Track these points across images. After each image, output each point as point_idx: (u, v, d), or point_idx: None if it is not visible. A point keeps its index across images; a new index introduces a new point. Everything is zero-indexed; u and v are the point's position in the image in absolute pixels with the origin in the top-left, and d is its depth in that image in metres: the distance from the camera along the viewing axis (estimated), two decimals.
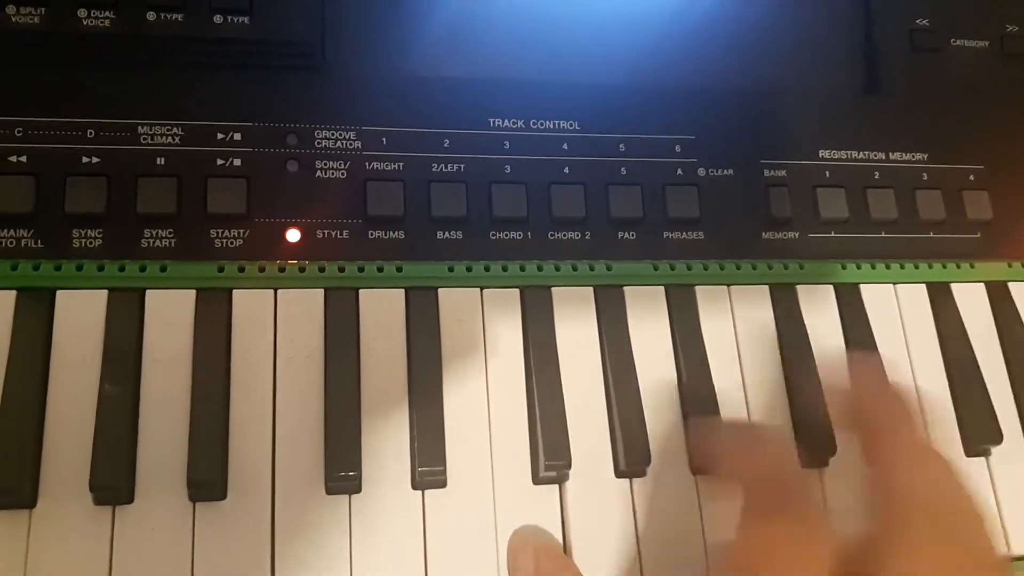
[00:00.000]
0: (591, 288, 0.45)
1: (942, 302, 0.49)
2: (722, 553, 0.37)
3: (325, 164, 0.45)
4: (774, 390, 0.45)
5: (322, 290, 0.42)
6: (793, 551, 0.33)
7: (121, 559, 0.37)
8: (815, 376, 0.45)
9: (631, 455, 0.42)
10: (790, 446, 0.42)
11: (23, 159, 0.42)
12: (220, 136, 0.44)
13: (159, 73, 0.44)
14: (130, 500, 0.37)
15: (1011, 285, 0.50)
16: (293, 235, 0.43)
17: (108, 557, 0.37)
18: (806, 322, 0.46)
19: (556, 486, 0.41)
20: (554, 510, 0.41)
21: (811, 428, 0.44)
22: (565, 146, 0.48)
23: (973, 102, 0.54)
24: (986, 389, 0.47)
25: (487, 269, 0.44)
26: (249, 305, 0.41)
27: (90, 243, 0.41)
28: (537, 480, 0.41)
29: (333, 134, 0.45)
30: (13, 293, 0.40)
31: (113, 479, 0.37)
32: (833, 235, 0.49)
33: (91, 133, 0.43)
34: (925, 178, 0.52)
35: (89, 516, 0.37)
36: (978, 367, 0.47)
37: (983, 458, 0.46)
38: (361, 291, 0.42)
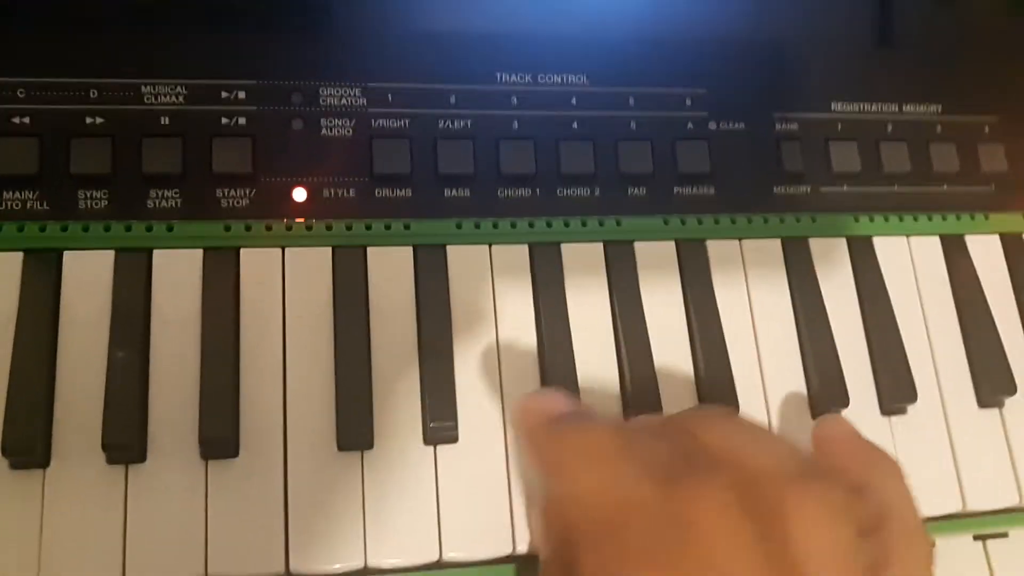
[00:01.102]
0: (600, 244, 0.45)
1: (956, 254, 0.48)
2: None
3: (331, 122, 0.44)
4: (787, 344, 0.45)
5: (330, 248, 0.42)
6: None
7: (135, 517, 0.37)
8: (828, 330, 0.45)
9: (642, 411, 0.42)
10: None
11: (26, 120, 0.41)
12: (225, 95, 0.43)
13: (162, 31, 0.43)
14: (142, 459, 0.38)
15: None
16: (299, 194, 0.43)
17: (122, 515, 0.37)
18: (818, 276, 0.46)
19: None
20: None
21: (824, 381, 0.43)
22: (573, 100, 0.47)
23: (988, 53, 0.53)
24: (1000, 341, 0.46)
25: (495, 226, 0.44)
26: (257, 264, 0.41)
27: (96, 204, 0.41)
28: None
29: (338, 91, 0.44)
30: (20, 255, 0.39)
31: (125, 438, 0.37)
32: (846, 189, 0.49)
33: (94, 93, 0.42)
34: (939, 130, 0.51)
35: (102, 475, 0.37)
36: (992, 319, 0.47)
37: (996, 409, 0.46)
38: (369, 249, 0.42)
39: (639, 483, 0.32)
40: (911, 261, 0.48)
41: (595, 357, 0.42)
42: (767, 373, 0.44)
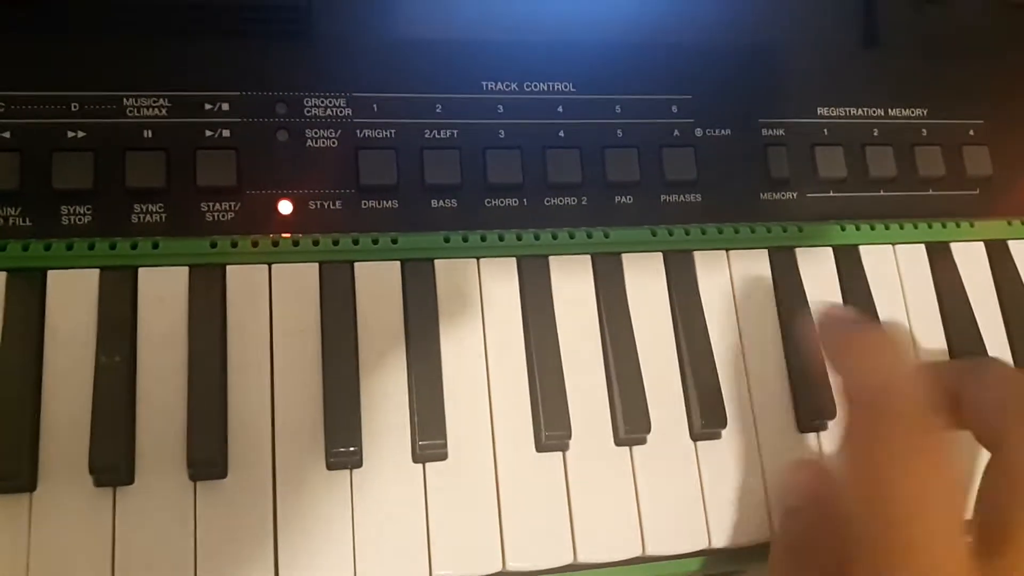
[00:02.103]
0: (588, 256, 0.45)
1: (941, 262, 0.48)
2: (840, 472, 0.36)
3: (316, 133, 0.44)
4: (773, 355, 0.45)
5: (317, 264, 0.42)
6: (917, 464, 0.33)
7: (123, 540, 0.37)
8: (814, 340, 0.45)
9: (631, 423, 0.42)
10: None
11: (6, 135, 0.41)
12: (208, 107, 0.43)
13: (144, 42, 0.43)
14: (130, 481, 0.37)
15: (1011, 243, 0.50)
16: (285, 207, 0.43)
17: (111, 538, 0.37)
18: (805, 286, 0.46)
19: (560, 453, 0.41)
20: (557, 478, 0.41)
21: (809, 392, 0.44)
22: (560, 109, 0.47)
23: (974, 55, 0.53)
24: (985, 349, 0.47)
25: (483, 239, 0.44)
26: (243, 280, 0.41)
27: (79, 219, 0.41)
28: (540, 448, 0.41)
29: (323, 102, 0.44)
30: (3, 274, 0.39)
31: (112, 460, 0.37)
32: (832, 194, 0.49)
33: (75, 106, 0.41)
34: (925, 134, 0.51)
35: (90, 498, 0.37)
36: (977, 327, 0.47)
37: None
38: (356, 264, 0.42)
39: None
40: (897, 269, 0.48)
41: (583, 371, 0.42)
42: (754, 384, 0.44)
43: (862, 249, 0.48)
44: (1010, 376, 0.39)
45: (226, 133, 0.43)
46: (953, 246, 0.49)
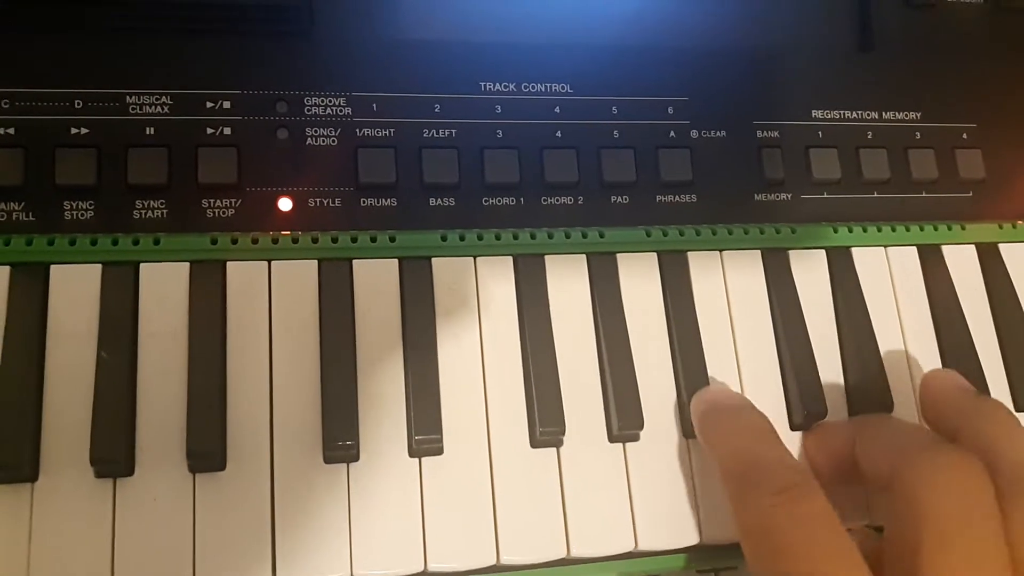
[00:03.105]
0: (584, 255, 0.45)
1: (933, 265, 0.49)
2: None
3: (315, 131, 0.44)
4: (765, 354, 0.45)
5: (316, 261, 0.42)
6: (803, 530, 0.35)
7: (123, 531, 0.37)
8: (806, 341, 0.45)
9: (624, 420, 0.42)
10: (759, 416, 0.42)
11: (10, 131, 0.41)
12: (209, 105, 0.43)
13: (146, 41, 0.43)
14: (130, 472, 0.38)
15: (1002, 247, 0.50)
16: (285, 204, 0.43)
17: (111, 529, 0.37)
18: (797, 287, 0.47)
19: (554, 449, 0.42)
20: (552, 473, 0.42)
21: (802, 393, 0.44)
22: (557, 109, 0.47)
23: (967, 59, 0.54)
24: (976, 353, 0.47)
25: (480, 238, 0.44)
26: (243, 277, 0.41)
27: (82, 215, 0.41)
28: (535, 443, 0.42)
29: (323, 101, 0.45)
30: (7, 268, 0.40)
31: (113, 452, 0.38)
32: (825, 196, 0.49)
33: (79, 103, 0.42)
34: (918, 137, 0.52)
35: (90, 489, 0.37)
36: (968, 329, 0.48)
37: None
38: (355, 261, 0.43)
39: None
40: (889, 271, 0.48)
41: (578, 368, 0.43)
42: (746, 383, 0.45)
43: (855, 251, 0.48)
44: (902, 425, 0.42)
45: (227, 131, 0.43)
46: (945, 249, 0.50)
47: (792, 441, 0.44)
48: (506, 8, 0.48)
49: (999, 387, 0.47)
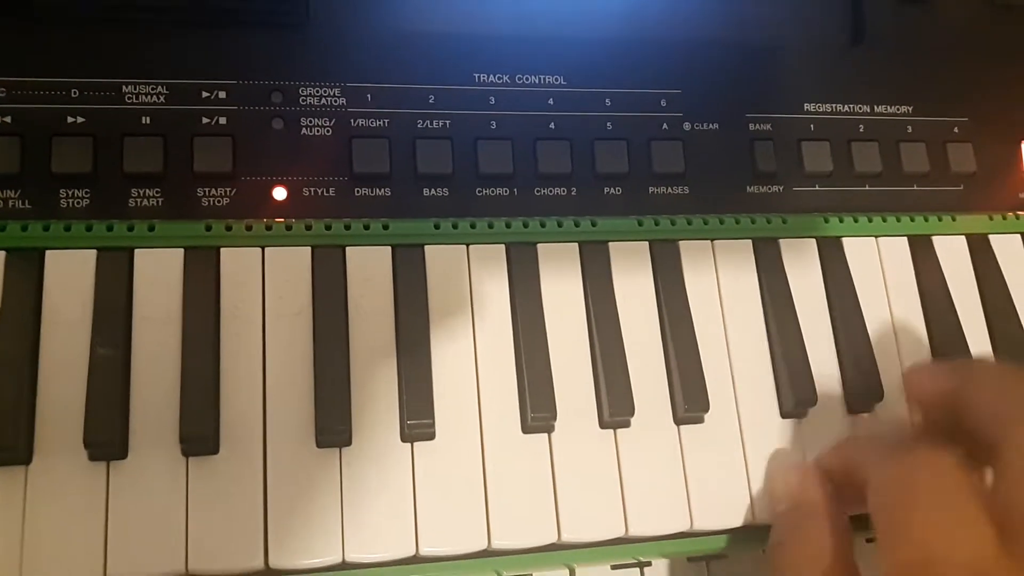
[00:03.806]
0: (576, 244, 0.45)
1: (923, 255, 0.49)
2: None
3: (310, 121, 0.45)
4: (756, 342, 0.46)
5: (309, 248, 0.43)
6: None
7: (116, 513, 0.37)
8: (797, 329, 0.46)
9: (615, 406, 0.43)
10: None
11: (7, 119, 0.42)
12: (205, 94, 0.44)
13: (143, 31, 0.44)
14: (124, 456, 0.38)
15: (992, 238, 0.51)
16: (279, 193, 0.43)
17: (104, 511, 0.37)
18: (788, 276, 0.47)
19: (545, 435, 0.42)
20: (543, 459, 0.42)
21: (792, 381, 0.45)
22: (551, 101, 0.48)
23: (958, 53, 0.54)
24: (966, 343, 0.47)
25: (473, 226, 0.44)
26: (237, 263, 0.42)
27: (78, 203, 0.42)
28: (526, 429, 0.42)
29: (318, 91, 0.45)
30: (2, 254, 0.40)
31: (107, 435, 0.38)
32: (817, 188, 0.50)
33: (75, 92, 0.42)
34: (909, 131, 0.52)
35: (84, 471, 0.38)
36: (958, 319, 0.48)
37: None
38: (348, 248, 0.43)
39: None
40: (879, 261, 0.49)
41: (570, 356, 0.43)
42: (737, 371, 0.45)
43: (845, 241, 0.49)
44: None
45: (223, 120, 0.44)
46: (935, 239, 0.50)
47: (780, 430, 0.44)
48: (500, 1, 0.48)
49: None
